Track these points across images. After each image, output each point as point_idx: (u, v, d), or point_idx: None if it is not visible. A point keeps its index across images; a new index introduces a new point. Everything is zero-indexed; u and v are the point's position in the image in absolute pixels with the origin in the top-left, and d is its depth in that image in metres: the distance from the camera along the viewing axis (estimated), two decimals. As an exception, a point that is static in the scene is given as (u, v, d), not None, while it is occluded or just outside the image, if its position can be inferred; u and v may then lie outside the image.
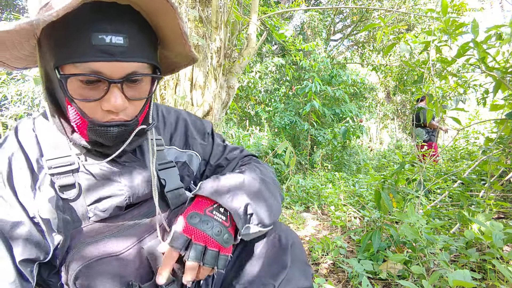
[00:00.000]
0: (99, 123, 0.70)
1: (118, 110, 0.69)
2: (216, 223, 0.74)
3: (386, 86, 11.27)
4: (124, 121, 0.72)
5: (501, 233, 1.46)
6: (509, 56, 2.09)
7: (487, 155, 2.35)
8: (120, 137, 0.74)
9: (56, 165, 0.74)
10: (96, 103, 0.68)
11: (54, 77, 0.68)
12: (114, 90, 0.67)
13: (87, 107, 0.69)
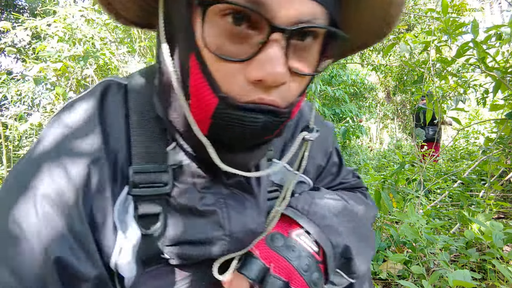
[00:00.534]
0: (237, 103, 0.42)
1: (275, 82, 0.40)
2: (304, 253, 0.55)
3: (386, 86, 11.28)
4: (276, 107, 0.43)
5: (501, 233, 1.46)
6: (509, 56, 2.09)
7: (487, 155, 2.35)
8: (259, 135, 0.47)
9: (145, 182, 0.50)
10: (239, 69, 0.41)
11: (180, 14, 0.44)
12: (274, 46, 0.39)
13: (222, 71, 0.41)
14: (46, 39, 3.75)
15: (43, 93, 4.14)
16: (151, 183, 0.50)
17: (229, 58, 0.40)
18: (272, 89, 0.42)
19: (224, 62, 0.40)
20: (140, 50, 3.94)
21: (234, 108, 0.42)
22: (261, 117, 0.43)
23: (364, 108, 9.18)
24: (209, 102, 0.43)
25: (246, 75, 0.41)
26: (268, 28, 0.38)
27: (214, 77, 0.42)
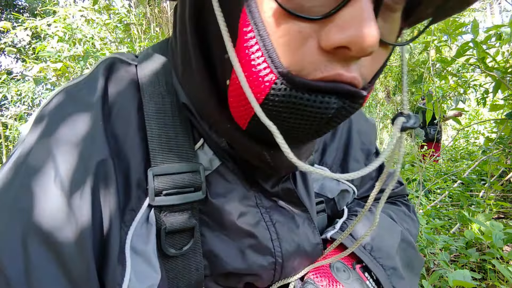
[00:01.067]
0: (304, 80, 0.29)
1: (365, 50, 0.27)
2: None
3: (386, 86, 11.28)
4: (355, 86, 0.30)
5: (501, 233, 1.46)
6: (508, 56, 2.10)
7: (487, 155, 2.35)
8: (323, 127, 0.33)
9: (171, 187, 0.37)
10: (310, 32, 0.28)
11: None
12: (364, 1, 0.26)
13: (287, 38, 0.28)
14: (46, 39, 3.75)
15: (43, 93, 4.14)
16: (178, 188, 0.38)
17: (301, 15, 0.27)
18: (353, 62, 0.29)
19: (293, 22, 0.28)
20: (140, 50, 3.94)
21: (300, 88, 0.29)
22: (335, 101, 0.30)
23: (364, 108, 9.18)
24: (263, 79, 0.29)
25: (320, 41, 0.28)
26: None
27: (274, 43, 0.29)
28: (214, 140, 0.41)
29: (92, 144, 0.35)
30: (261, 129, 0.32)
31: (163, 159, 0.38)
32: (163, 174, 0.37)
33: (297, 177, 0.49)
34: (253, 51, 0.29)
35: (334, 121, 0.32)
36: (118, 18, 3.92)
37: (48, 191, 0.32)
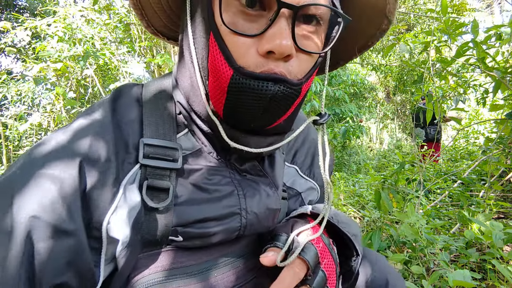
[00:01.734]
0: (249, 72, 0.47)
1: (283, 53, 0.45)
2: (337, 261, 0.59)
3: (386, 86, 11.29)
4: (285, 76, 0.48)
5: (501, 233, 1.46)
6: (508, 56, 2.09)
7: (487, 155, 2.35)
8: (271, 109, 0.50)
9: (155, 154, 0.53)
10: (252, 43, 0.47)
11: (202, 2, 0.51)
12: (282, 22, 0.45)
13: (237, 47, 0.47)
14: (46, 39, 3.76)
15: (43, 93, 4.14)
16: (161, 155, 0.53)
17: (244, 33, 0.46)
18: (281, 62, 0.47)
19: (239, 37, 0.47)
20: (140, 50, 3.95)
21: (248, 77, 0.46)
22: (271, 85, 0.47)
23: (364, 108, 9.19)
24: (225, 74, 0.47)
25: (258, 49, 0.46)
26: (277, 5, 0.44)
27: (230, 51, 0.47)
28: (199, 127, 0.57)
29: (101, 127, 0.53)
30: (231, 119, 0.53)
31: (152, 136, 0.54)
32: (151, 145, 0.53)
33: (266, 161, 0.65)
34: (218, 57, 0.48)
35: (275, 101, 0.48)
36: (118, 18, 3.92)
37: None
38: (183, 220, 0.52)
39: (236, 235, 0.58)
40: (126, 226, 0.48)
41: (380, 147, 10.64)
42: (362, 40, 0.65)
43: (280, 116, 0.53)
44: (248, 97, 0.48)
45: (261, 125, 0.54)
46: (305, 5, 0.45)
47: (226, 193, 0.57)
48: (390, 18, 0.58)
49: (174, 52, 3.99)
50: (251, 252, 0.61)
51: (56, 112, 3.72)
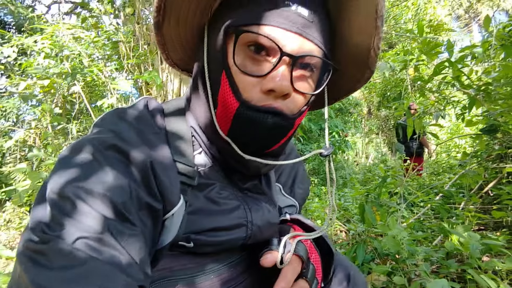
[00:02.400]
0: (253, 105, 0.56)
1: (282, 92, 0.55)
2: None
3: (369, 102, 11.53)
4: (282, 111, 0.58)
5: (478, 244, 1.52)
6: (481, 74, 2.21)
7: (465, 169, 2.44)
8: (269, 137, 0.61)
9: (182, 171, 0.60)
10: (256, 82, 0.56)
11: (217, 44, 0.59)
12: (283, 67, 0.55)
13: (244, 84, 0.57)
14: (32, 55, 3.76)
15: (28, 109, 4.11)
16: (184, 172, 0.60)
17: (251, 74, 0.56)
18: (279, 99, 0.57)
19: (247, 77, 0.56)
20: (128, 68, 3.98)
21: (251, 109, 0.56)
22: (270, 117, 0.56)
23: (349, 123, 9.35)
24: (232, 106, 0.57)
25: (261, 87, 0.56)
26: (280, 53, 0.54)
27: (238, 87, 0.57)
28: (208, 148, 0.65)
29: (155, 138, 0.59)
30: (235, 142, 0.60)
31: (175, 153, 0.60)
32: (179, 162, 0.60)
33: (262, 180, 0.75)
34: (228, 91, 0.57)
35: (274, 131, 0.59)
36: (106, 36, 3.95)
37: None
38: (197, 227, 0.59)
39: (241, 244, 0.65)
40: (179, 222, 0.57)
41: (366, 161, 10.79)
42: (349, 84, 0.75)
43: (276, 143, 0.63)
44: (250, 126, 0.57)
45: (261, 149, 0.63)
46: (302, 56, 0.55)
47: (234, 206, 0.65)
48: (372, 69, 0.68)
49: (161, 69, 4.03)
50: (243, 257, 0.70)
51: (41, 128, 3.69)
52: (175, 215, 0.56)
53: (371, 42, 0.62)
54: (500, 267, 1.46)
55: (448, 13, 12.42)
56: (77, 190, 0.45)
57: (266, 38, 0.54)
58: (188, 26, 0.66)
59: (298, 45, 0.55)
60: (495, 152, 2.69)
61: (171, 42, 0.69)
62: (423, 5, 9.18)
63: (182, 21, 0.64)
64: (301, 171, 0.92)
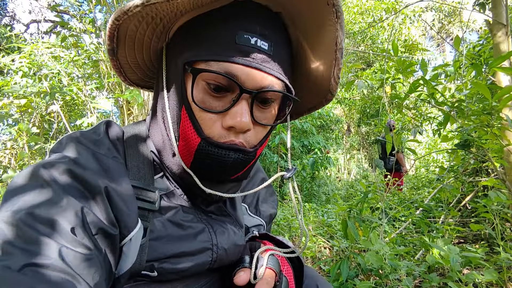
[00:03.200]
0: (214, 142, 0.56)
1: (242, 129, 0.56)
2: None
3: (349, 118, 11.76)
4: (243, 147, 0.58)
5: (457, 256, 1.55)
6: (454, 92, 2.31)
7: (443, 184, 2.50)
8: (230, 169, 0.60)
9: (138, 195, 0.58)
10: (217, 118, 0.56)
11: (176, 77, 0.58)
12: (243, 103, 0.56)
13: (205, 120, 0.56)
14: (9, 73, 3.68)
15: (3, 129, 3.99)
16: (142, 197, 0.58)
17: (210, 110, 0.56)
18: (240, 134, 0.58)
19: (207, 113, 0.56)
20: (108, 86, 3.94)
21: (213, 146, 0.56)
22: (232, 154, 0.57)
23: (331, 139, 9.48)
24: (194, 142, 0.57)
25: (222, 123, 0.56)
26: (239, 91, 0.54)
27: (198, 123, 0.56)
28: (170, 173, 0.65)
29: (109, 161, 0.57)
30: (199, 175, 0.60)
31: (134, 178, 0.60)
32: (134, 186, 0.58)
33: (227, 202, 0.75)
34: (189, 127, 0.57)
35: (235, 166, 0.59)
36: (86, 55, 3.93)
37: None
38: (160, 254, 0.57)
39: (207, 268, 0.64)
40: (137, 247, 0.55)
41: (348, 177, 10.91)
42: (310, 105, 0.78)
43: (238, 173, 0.64)
44: (212, 161, 0.57)
45: (226, 179, 0.64)
46: (261, 91, 0.56)
47: (198, 230, 0.64)
48: (333, 93, 0.71)
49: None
50: (215, 278, 0.70)
51: (17, 148, 3.59)
52: (132, 240, 0.53)
53: (331, 72, 0.64)
54: (480, 279, 1.49)
55: (422, 33, 12.98)
56: (27, 217, 0.43)
57: (225, 77, 0.53)
58: (145, 51, 0.65)
59: (258, 80, 0.55)
60: (470, 167, 2.78)
61: (128, 65, 0.68)
62: (398, 26, 9.57)
63: (138, 46, 0.64)
64: (263, 191, 0.93)
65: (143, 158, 0.63)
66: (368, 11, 9.45)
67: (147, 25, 0.59)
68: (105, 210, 0.51)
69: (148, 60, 0.69)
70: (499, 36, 2.24)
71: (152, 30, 0.61)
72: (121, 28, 0.58)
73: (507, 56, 1.69)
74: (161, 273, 0.57)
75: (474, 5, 2.94)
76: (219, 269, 0.69)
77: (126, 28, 0.58)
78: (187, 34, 0.59)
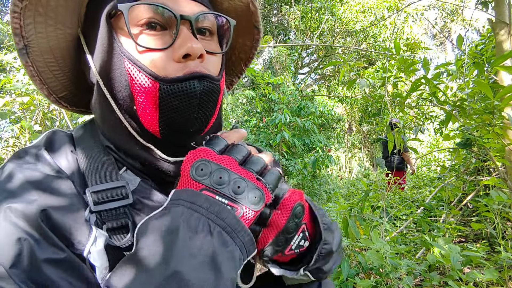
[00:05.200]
0: (174, 77, 0.51)
1: (196, 53, 0.51)
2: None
3: (350, 117, 11.74)
4: (206, 73, 0.53)
5: (458, 255, 1.55)
6: (456, 91, 2.30)
7: (444, 182, 2.50)
8: (203, 107, 0.54)
9: (105, 198, 0.53)
10: (165, 55, 0.52)
11: (103, 37, 0.54)
12: (184, 31, 0.53)
13: (154, 62, 0.52)
14: (12, 71, 3.69)
15: (5, 126, 4.00)
16: (111, 197, 0.54)
17: (157, 48, 0.52)
18: (197, 62, 0.53)
19: (153, 53, 0.52)
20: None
21: (174, 82, 0.51)
22: (196, 83, 0.52)
23: (332, 138, 9.47)
24: (152, 88, 0.51)
25: (174, 58, 0.52)
26: (177, 19, 0.52)
27: (149, 67, 0.52)
28: (131, 164, 0.59)
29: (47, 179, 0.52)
30: (170, 130, 0.55)
31: (96, 182, 0.55)
32: (97, 191, 0.53)
33: None
34: (140, 77, 0.52)
35: (204, 96, 0.53)
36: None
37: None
38: None
39: None
40: (103, 254, 0.51)
41: (349, 176, 10.90)
42: (244, 54, 0.77)
43: (212, 113, 0.57)
44: (180, 100, 0.52)
45: (199, 128, 0.57)
46: (198, 15, 0.54)
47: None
48: (259, 28, 0.71)
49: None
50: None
51: (20, 146, 3.60)
52: (93, 250, 0.49)
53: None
54: (480, 278, 1.49)
55: (424, 31, 12.93)
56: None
57: (157, 6, 0.51)
58: (60, 40, 0.60)
59: (190, 7, 0.54)
60: (472, 166, 2.78)
61: (46, 68, 0.61)
62: (400, 25, 9.54)
63: (53, 38, 0.58)
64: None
65: (99, 157, 0.58)
66: (370, 9, 9.41)
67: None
68: (45, 237, 0.45)
69: (67, 54, 0.62)
70: (502, 34, 2.23)
71: (64, 15, 0.57)
72: (26, 15, 0.53)
73: (509, 55, 1.68)
74: None
75: (477, 4, 2.93)
76: None
77: (34, 18, 0.54)
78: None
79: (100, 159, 0.58)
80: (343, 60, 2.47)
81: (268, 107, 8.05)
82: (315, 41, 9.29)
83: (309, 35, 9.84)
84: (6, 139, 3.91)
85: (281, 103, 7.02)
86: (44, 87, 0.63)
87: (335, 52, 10.17)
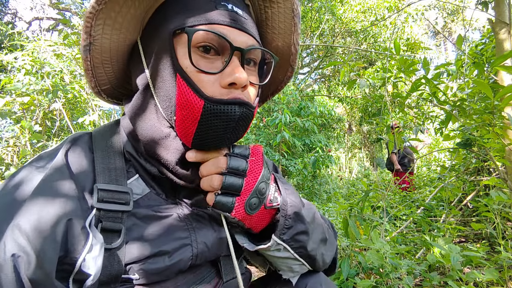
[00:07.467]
0: (219, 99, 0.56)
1: (242, 83, 0.57)
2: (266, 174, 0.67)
3: (350, 117, 11.74)
4: (247, 101, 0.59)
5: (458, 256, 1.55)
6: (456, 91, 2.30)
7: (444, 182, 2.50)
8: (234, 130, 0.60)
9: (108, 198, 0.58)
10: (214, 79, 0.57)
11: (163, 49, 0.59)
12: (236, 61, 0.58)
13: (203, 82, 0.57)
14: (12, 71, 3.70)
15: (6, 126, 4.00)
16: (114, 199, 0.58)
17: (208, 71, 0.57)
18: (240, 91, 0.59)
19: (204, 75, 0.57)
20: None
21: (218, 103, 0.56)
22: (237, 108, 0.57)
23: (332, 138, 9.47)
24: (197, 105, 0.56)
25: (220, 83, 0.57)
26: (231, 49, 0.57)
27: (198, 86, 0.56)
28: (147, 170, 0.65)
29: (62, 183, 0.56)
30: (201, 144, 0.60)
31: (104, 181, 0.59)
32: (104, 190, 0.58)
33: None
34: (188, 92, 0.56)
35: (241, 121, 0.59)
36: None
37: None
38: (139, 255, 0.58)
39: (189, 265, 0.64)
40: (99, 261, 0.53)
41: (350, 175, 10.90)
42: (273, 86, 0.84)
43: (241, 135, 0.64)
44: (220, 120, 0.57)
45: (226, 146, 0.64)
46: (251, 48, 0.60)
47: (176, 228, 0.64)
48: (293, 66, 0.77)
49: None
50: (204, 279, 0.69)
51: (20, 146, 3.61)
52: (87, 257, 0.52)
53: (291, 39, 0.70)
54: (480, 278, 1.49)
55: (424, 31, 12.93)
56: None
57: (217, 35, 0.56)
58: (120, 43, 0.64)
59: (244, 40, 0.59)
60: (472, 166, 2.78)
61: (100, 65, 0.66)
62: (400, 25, 9.54)
63: (115, 40, 0.63)
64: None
65: (113, 161, 0.63)
66: (370, 9, 9.41)
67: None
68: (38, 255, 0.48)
69: (121, 56, 0.67)
70: (502, 34, 2.23)
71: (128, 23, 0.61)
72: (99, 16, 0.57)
73: (509, 55, 1.68)
74: (142, 275, 0.58)
75: (477, 4, 2.93)
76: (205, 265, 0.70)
77: (105, 18, 0.57)
78: (166, 12, 0.61)
79: (113, 160, 0.63)
80: (343, 60, 2.46)
81: (268, 107, 8.05)
82: (315, 41, 9.28)
83: (309, 35, 9.85)
84: (7, 139, 3.92)
85: (281, 103, 7.00)
86: (93, 79, 0.67)
87: (335, 52, 10.17)
